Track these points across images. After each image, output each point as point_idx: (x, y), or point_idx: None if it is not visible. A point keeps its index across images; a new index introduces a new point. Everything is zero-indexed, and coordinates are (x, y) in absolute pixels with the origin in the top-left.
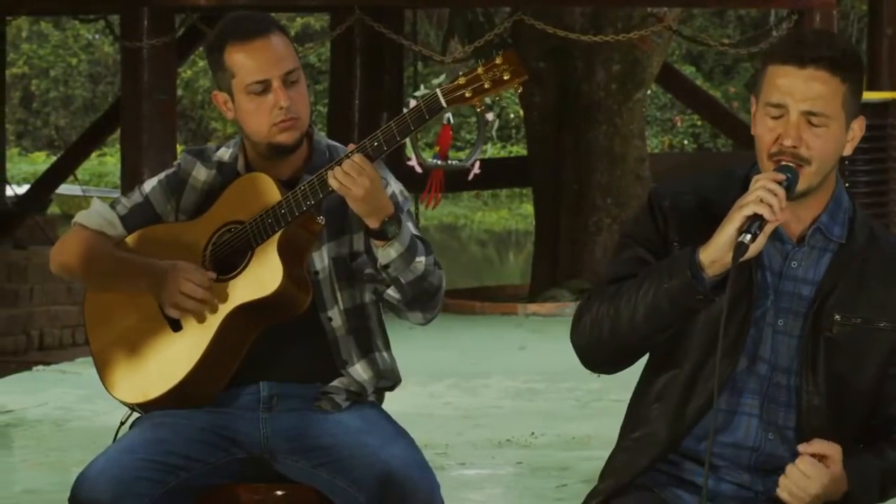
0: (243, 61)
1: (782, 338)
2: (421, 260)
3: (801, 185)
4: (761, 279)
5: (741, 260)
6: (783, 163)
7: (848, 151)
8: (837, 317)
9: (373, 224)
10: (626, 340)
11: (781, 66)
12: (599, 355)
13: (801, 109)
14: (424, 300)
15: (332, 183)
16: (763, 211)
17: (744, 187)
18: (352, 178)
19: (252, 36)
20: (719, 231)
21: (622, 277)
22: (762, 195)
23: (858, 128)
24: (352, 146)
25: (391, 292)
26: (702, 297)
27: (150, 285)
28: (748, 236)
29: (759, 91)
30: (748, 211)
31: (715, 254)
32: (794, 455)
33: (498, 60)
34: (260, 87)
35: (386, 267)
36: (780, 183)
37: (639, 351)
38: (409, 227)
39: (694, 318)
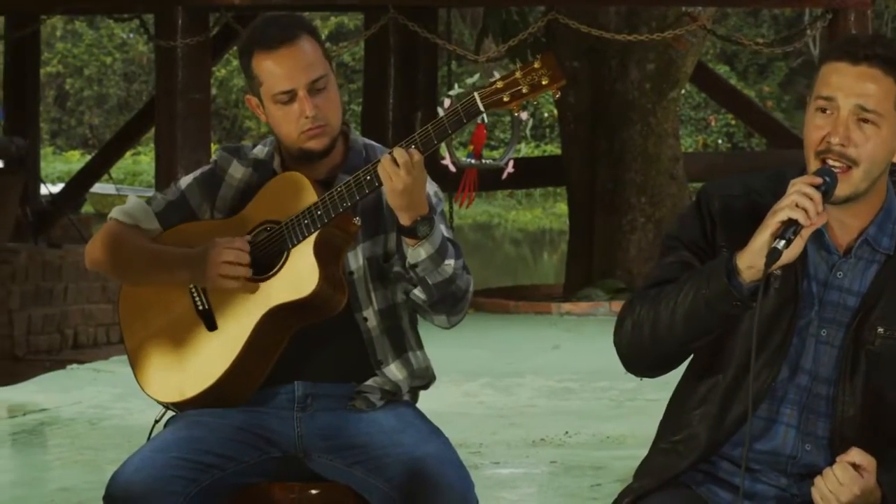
0: (269, 70)
1: (824, 348)
2: (450, 263)
3: (847, 190)
4: (806, 288)
5: (779, 266)
6: (825, 165)
7: (886, 152)
8: (881, 329)
9: (405, 221)
10: (666, 345)
11: (834, 63)
12: (641, 359)
13: (852, 104)
14: (450, 303)
15: (380, 168)
16: (797, 216)
17: None
18: (396, 168)
19: (278, 44)
20: (755, 236)
21: (665, 281)
22: (797, 199)
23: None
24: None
25: (417, 292)
26: (738, 304)
27: (190, 270)
28: (782, 242)
29: (811, 92)
30: (783, 216)
31: (750, 259)
32: (831, 465)
33: (536, 65)
34: (286, 97)
35: (414, 266)
36: (817, 187)
37: (679, 356)
38: (441, 229)
39: (737, 325)
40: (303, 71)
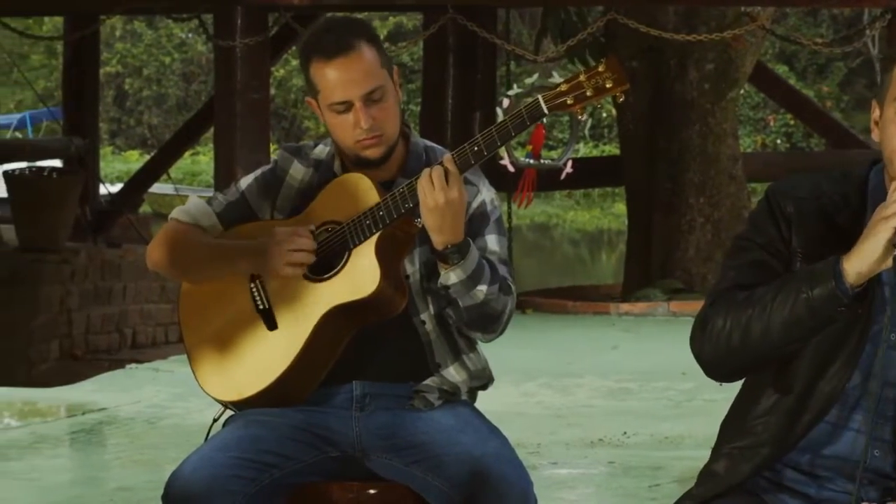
0: (326, 79)
1: (894, 353)
2: (482, 289)
3: None
4: (879, 294)
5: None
6: None
7: None
8: None
9: (437, 244)
10: (758, 351)
11: None
12: (727, 365)
13: None
14: (482, 324)
15: (417, 184)
16: None
17: (861, 192)
18: (432, 186)
19: (334, 53)
20: (865, 242)
21: (745, 283)
22: None
23: None
24: (447, 157)
25: (450, 311)
26: (844, 308)
27: (252, 260)
28: None
29: (884, 94)
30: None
31: (862, 265)
32: None
33: (600, 68)
34: (342, 107)
35: (446, 287)
36: None
37: (769, 361)
38: (476, 255)
39: None
40: (359, 83)
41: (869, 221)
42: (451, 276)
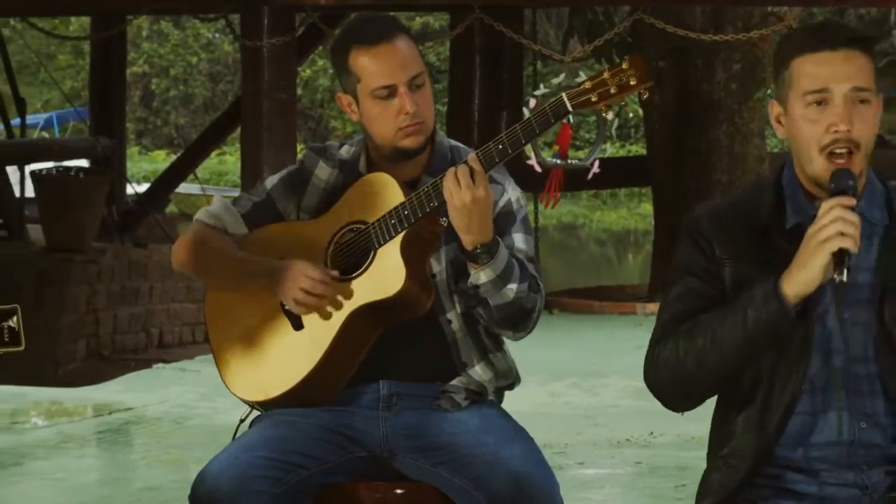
0: (369, 66)
1: (851, 328)
2: (512, 287)
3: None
4: None
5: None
6: (837, 167)
7: (876, 129)
8: None
9: (466, 244)
10: (715, 374)
11: (813, 55)
12: (684, 394)
13: (847, 88)
14: (512, 323)
15: (443, 184)
16: (848, 245)
17: (776, 192)
18: (458, 185)
19: (377, 40)
20: (801, 267)
21: (685, 311)
22: (843, 228)
23: (878, 106)
24: (472, 156)
25: (479, 311)
26: (790, 326)
27: (270, 283)
28: (845, 272)
29: (787, 89)
30: (832, 247)
31: (801, 288)
32: (890, 442)
33: (624, 65)
34: (386, 92)
35: (476, 287)
36: (852, 208)
37: (726, 382)
38: (505, 254)
39: None
40: (404, 67)
41: (791, 227)
42: (480, 276)
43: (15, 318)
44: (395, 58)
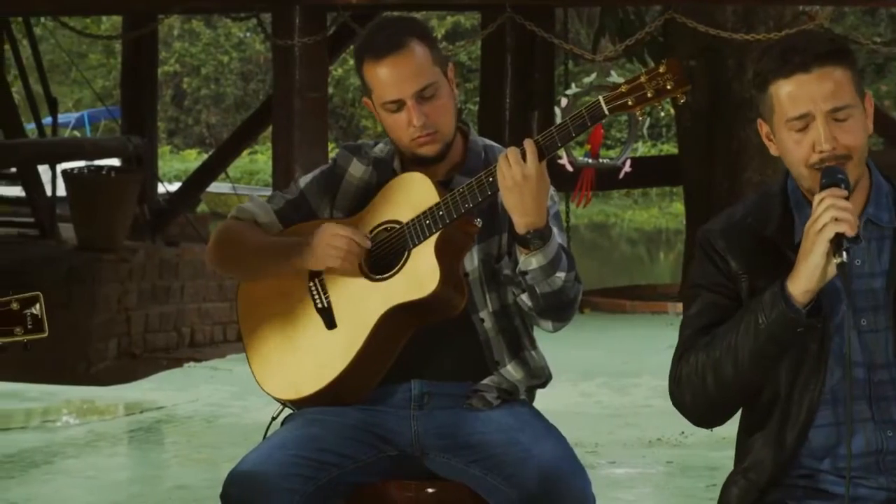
0: (378, 79)
1: (870, 336)
2: (560, 276)
3: (851, 182)
4: (829, 287)
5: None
6: (826, 165)
7: (870, 129)
8: None
9: (518, 227)
10: (734, 387)
11: (787, 79)
12: (708, 408)
13: (826, 110)
14: (556, 311)
15: (496, 165)
16: (844, 229)
17: (783, 202)
18: (508, 164)
19: (385, 52)
20: (803, 260)
21: (705, 327)
22: (836, 214)
23: (870, 103)
24: (528, 139)
25: (525, 298)
26: (802, 328)
27: (303, 254)
28: (844, 255)
29: (770, 113)
30: (829, 234)
31: (806, 283)
32: None
33: (661, 69)
34: (395, 106)
35: (524, 273)
36: (844, 199)
37: (748, 394)
38: (556, 241)
39: None
40: (410, 80)
41: (801, 240)
42: (531, 262)
43: (38, 306)
44: (404, 70)
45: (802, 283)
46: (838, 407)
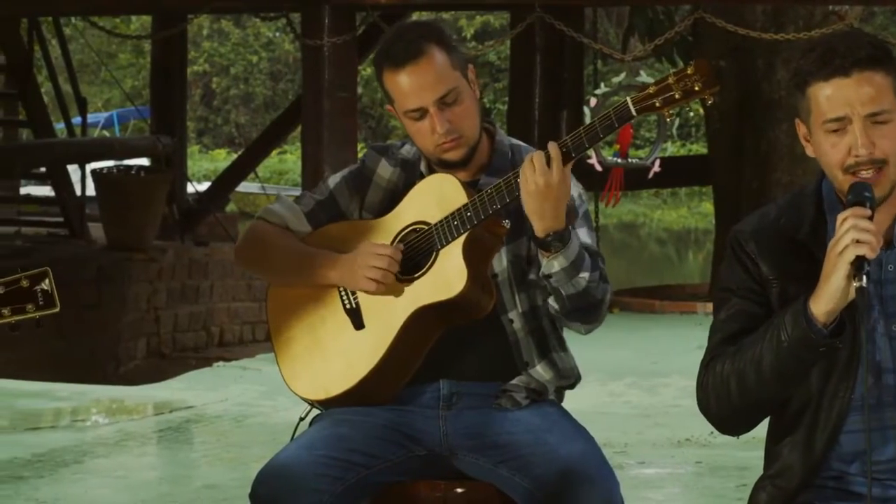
0: (398, 88)
1: None
2: (584, 276)
3: (884, 190)
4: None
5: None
6: (855, 182)
7: None
8: None
9: (538, 230)
10: (757, 398)
11: (826, 82)
12: (732, 417)
13: (864, 114)
14: (584, 313)
15: (521, 168)
16: (864, 251)
17: (816, 204)
18: (533, 169)
19: (404, 61)
20: (825, 282)
21: (734, 334)
22: (857, 236)
23: None
24: (552, 143)
25: (551, 301)
26: (824, 348)
27: (339, 272)
28: (864, 279)
29: (807, 114)
30: (850, 256)
31: (827, 305)
32: None
33: (689, 70)
34: (417, 115)
35: (548, 276)
36: (868, 218)
37: (772, 406)
38: (582, 236)
39: None
40: (431, 88)
41: (825, 257)
42: (553, 265)
43: (47, 281)
44: (424, 79)
45: (823, 303)
46: (873, 412)
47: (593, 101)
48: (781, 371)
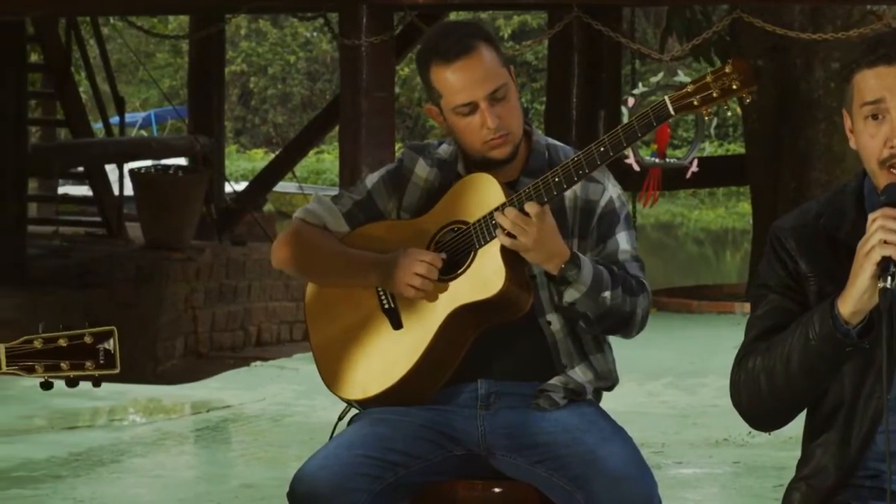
0: (448, 83)
1: None
2: (606, 295)
3: None
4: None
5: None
6: (891, 183)
7: None
8: None
9: (552, 270)
10: (787, 396)
11: (869, 70)
12: (763, 413)
13: None
14: (617, 328)
15: (503, 224)
16: (891, 252)
17: (857, 202)
18: (519, 227)
19: (455, 56)
20: (852, 282)
21: (768, 330)
22: (885, 237)
23: None
24: (501, 210)
25: (581, 323)
26: (851, 348)
27: (380, 275)
28: (889, 280)
29: (850, 103)
30: (876, 257)
31: (854, 305)
32: None
33: (727, 69)
34: (467, 109)
35: (572, 304)
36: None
37: (803, 404)
38: (589, 265)
39: None
40: (482, 83)
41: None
42: (573, 293)
43: (111, 341)
44: (475, 73)
45: (850, 304)
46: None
47: (631, 101)
48: (809, 369)
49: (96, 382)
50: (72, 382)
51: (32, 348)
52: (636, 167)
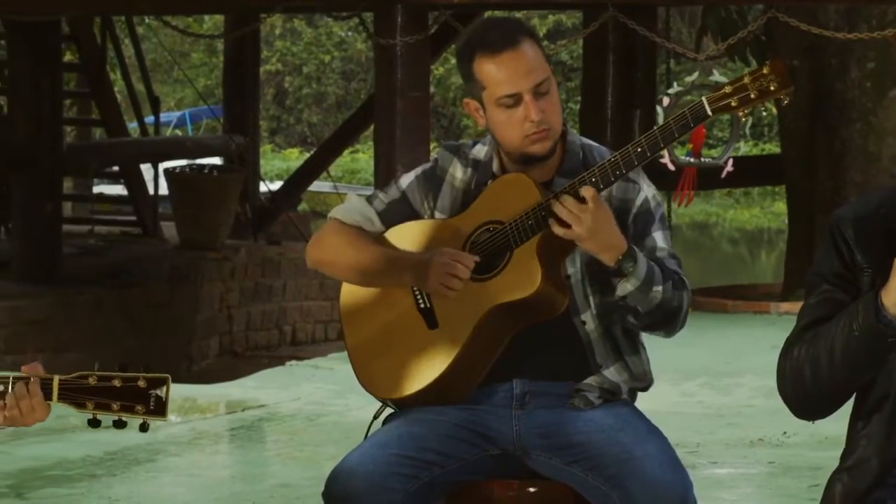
0: (493, 74)
1: None
2: (658, 290)
3: None
4: None
5: None
6: None
7: None
8: None
9: (608, 262)
10: (831, 386)
11: None
12: (807, 403)
13: None
14: (664, 323)
15: (558, 213)
16: None
17: None
18: (574, 215)
19: (502, 47)
20: (894, 274)
21: (818, 320)
22: None
23: None
24: (559, 195)
25: (630, 318)
26: (893, 339)
27: (414, 275)
28: None
29: None
30: None
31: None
32: None
33: (765, 70)
34: (511, 101)
35: (623, 297)
36: None
37: (847, 394)
38: (644, 259)
39: None
40: (527, 75)
41: None
42: (627, 286)
43: (164, 388)
44: (520, 65)
45: (893, 294)
46: None
47: (666, 101)
48: (852, 360)
49: (143, 427)
50: (120, 424)
51: (86, 384)
52: (671, 167)
